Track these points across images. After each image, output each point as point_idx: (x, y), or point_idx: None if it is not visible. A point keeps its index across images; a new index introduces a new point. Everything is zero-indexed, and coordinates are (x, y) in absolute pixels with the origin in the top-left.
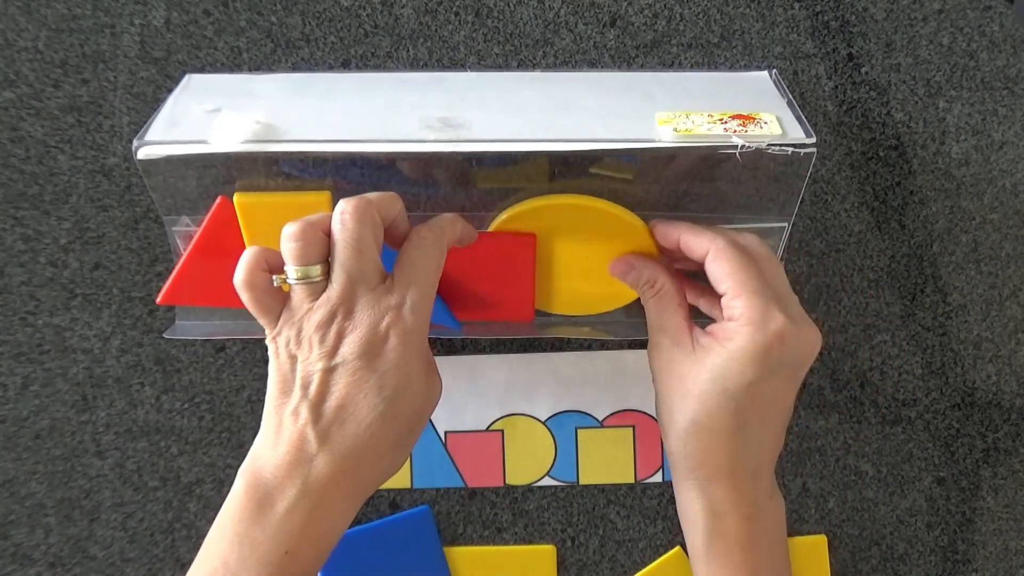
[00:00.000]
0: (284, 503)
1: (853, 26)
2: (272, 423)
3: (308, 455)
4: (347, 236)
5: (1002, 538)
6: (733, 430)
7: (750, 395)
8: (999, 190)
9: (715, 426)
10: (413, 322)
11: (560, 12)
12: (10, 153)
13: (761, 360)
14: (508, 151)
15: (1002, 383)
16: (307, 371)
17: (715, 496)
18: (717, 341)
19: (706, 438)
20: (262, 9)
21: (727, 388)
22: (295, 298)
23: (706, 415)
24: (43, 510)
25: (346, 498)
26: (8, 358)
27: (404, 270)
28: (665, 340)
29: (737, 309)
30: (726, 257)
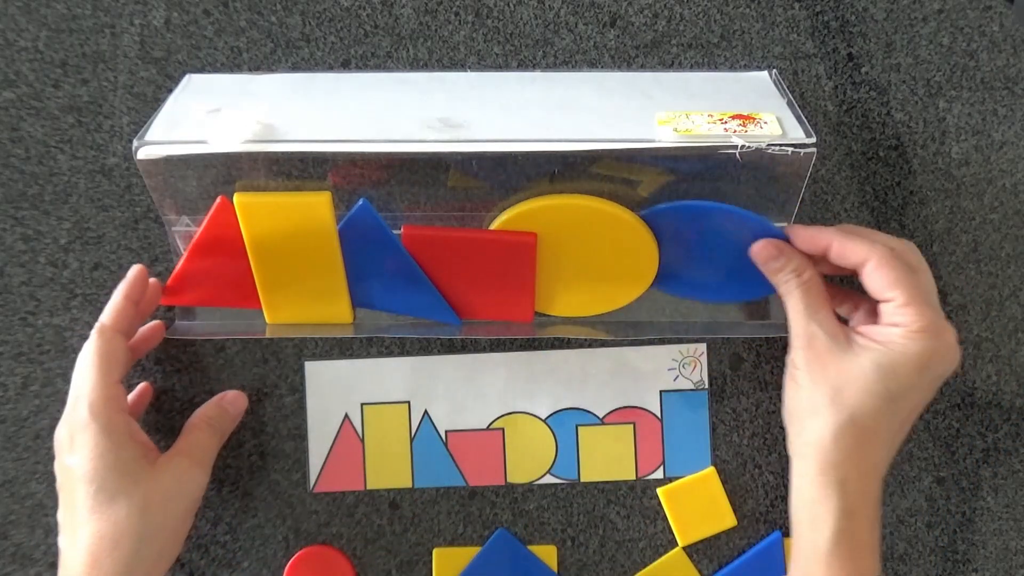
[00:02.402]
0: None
1: (853, 26)
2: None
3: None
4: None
5: (1002, 538)
6: (884, 431)
7: (907, 399)
8: (999, 190)
9: (870, 425)
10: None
11: (560, 12)
12: (10, 153)
13: (927, 367)
14: (508, 151)
15: (1002, 383)
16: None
17: (851, 495)
18: (880, 343)
19: (858, 436)
20: (262, 9)
21: (891, 389)
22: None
23: (863, 413)
24: (43, 510)
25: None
26: (8, 358)
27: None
28: (819, 332)
29: (907, 317)
30: (891, 266)
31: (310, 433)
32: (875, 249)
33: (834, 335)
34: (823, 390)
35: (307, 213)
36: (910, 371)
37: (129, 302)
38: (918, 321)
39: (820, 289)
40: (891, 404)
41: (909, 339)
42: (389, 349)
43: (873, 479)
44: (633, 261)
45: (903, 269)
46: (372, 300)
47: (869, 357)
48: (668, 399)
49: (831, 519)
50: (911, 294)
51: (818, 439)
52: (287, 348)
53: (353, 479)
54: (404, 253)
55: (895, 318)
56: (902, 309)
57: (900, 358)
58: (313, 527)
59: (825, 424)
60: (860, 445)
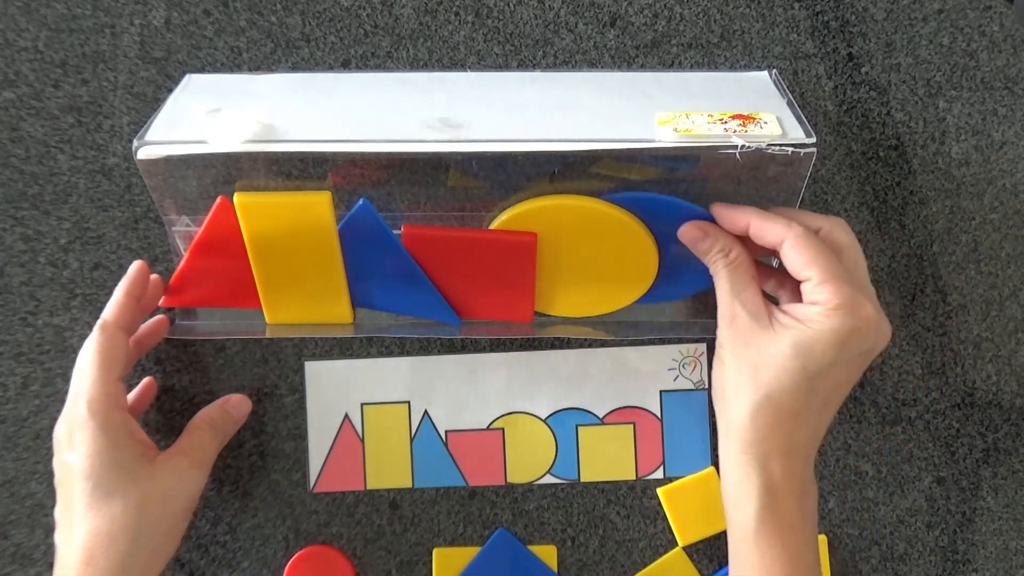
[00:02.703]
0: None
1: (853, 26)
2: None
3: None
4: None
5: (1002, 538)
6: (804, 409)
7: (826, 377)
8: (999, 190)
9: (787, 404)
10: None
11: (560, 12)
12: (10, 153)
13: (845, 344)
14: (508, 151)
15: (1002, 383)
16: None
17: (773, 474)
18: (800, 321)
19: (776, 414)
20: (262, 9)
21: (807, 367)
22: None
23: (780, 391)
24: (43, 510)
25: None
26: (8, 358)
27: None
28: (742, 311)
29: (823, 295)
30: (806, 245)
31: (310, 433)
32: (791, 228)
33: (756, 314)
34: (744, 369)
35: (307, 213)
36: (826, 348)
37: (131, 298)
38: (834, 298)
39: (746, 268)
40: (809, 382)
41: (825, 316)
42: (389, 349)
43: (797, 457)
44: (633, 261)
45: (819, 248)
46: (372, 300)
47: (787, 336)
48: (668, 399)
49: (754, 498)
50: (827, 272)
51: (739, 418)
52: (287, 348)
53: (353, 479)
54: (404, 253)
55: (813, 296)
56: (819, 287)
57: (816, 335)
58: (313, 527)
59: (745, 403)
60: (779, 423)
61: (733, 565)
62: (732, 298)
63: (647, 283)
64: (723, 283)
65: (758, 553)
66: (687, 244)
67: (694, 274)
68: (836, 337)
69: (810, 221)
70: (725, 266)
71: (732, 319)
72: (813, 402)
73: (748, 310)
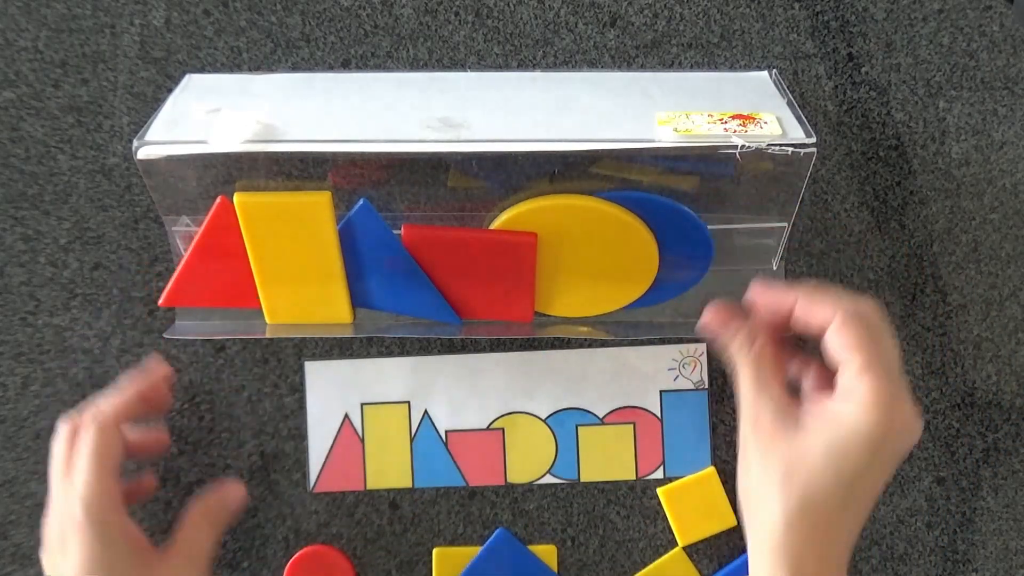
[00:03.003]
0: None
1: (853, 26)
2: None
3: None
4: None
5: (1002, 538)
6: (841, 514)
7: (864, 481)
8: (999, 190)
9: (824, 511)
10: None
11: (560, 12)
12: (10, 153)
13: (881, 447)
14: (508, 151)
15: (1002, 383)
16: None
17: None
18: (833, 419)
19: (812, 522)
20: (262, 9)
21: (843, 471)
22: None
23: (815, 499)
24: (43, 510)
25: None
26: (8, 358)
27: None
28: (765, 411)
29: (862, 386)
30: (855, 326)
31: (310, 433)
32: (839, 309)
33: (783, 413)
34: (772, 473)
35: (307, 213)
36: (862, 451)
37: (139, 399)
38: (873, 392)
39: (771, 361)
40: (845, 488)
41: (862, 414)
42: (389, 349)
43: (833, 561)
44: (633, 261)
45: (866, 332)
46: (372, 300)
47: (819, 437)
48: (668, 399)
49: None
50: (869, 359)
51: (771, 527)
52: (287, 348)
53: (353, 479)
54: (404, 253)
55: (849, 385)
56: (857, 376)
57: (852, 437)
58: (313, 527)
59: (777, 512)
60: (816, 531)
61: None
62: (756, 395)
63: (647, 283)
64: (746, 378)
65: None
66: (709, 334)
67: (694, 274)
68: (871, 440)
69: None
70: (748, 357)
71: (756, 420)
72: (850, 506)
73: (773, 408)
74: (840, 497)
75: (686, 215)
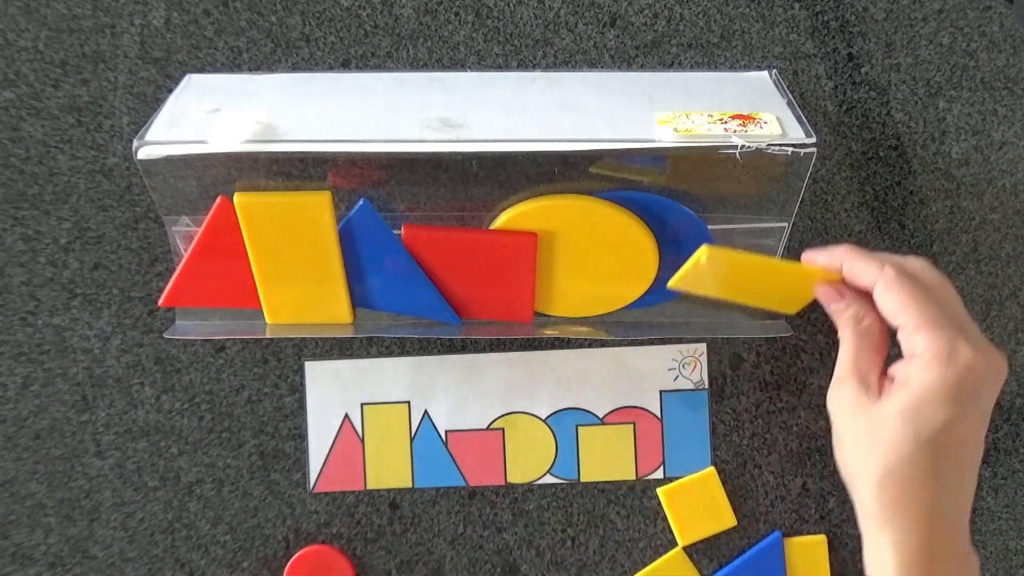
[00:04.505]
0: None
1: (853, 26)
2: None
3: None
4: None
5: (1002, 538)
6: (931, 477)
7: (945, 436)
8: (999, 190)
9: (911, 474)
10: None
11: (560, 12)
12: (10, 153)
13: (953, 398)
14: (508, 151)
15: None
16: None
17: (911, 550)
18: (902, 384)
19: (902, 486)
20: (262, 9)
21: (920, 432)
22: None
23: (899, 463)
24: (43, 510)
25: None
26: (8, 358)
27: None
28: (853, 381)
29: (919, 344)
30: (897, 288)
31: (310, 433)
32: (883, 270)
33: (867, 384)
34: (859, 445)
35: (307, 213)
36: (935, 407)
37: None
38: (930, 348)
39: (874, 339)
40: (925, 447)
41: (924, 372)
42: (389, 349)
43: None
44: (633, 261)
45: (913, 290)
46: (372, 300)
47: (892, 402)
48: (668, 399)
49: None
50: (921, 316)
51: (864, 496)
52: (287, 348)
53: (353, 479)
54: (404, 253)
55: (909, 347)
56: (913, 336)
57: (920, 396)
58: (313, 527)
59: (869, 480)
60: (909, 495)
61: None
62: (849, 364)
63: (647, 283)
64: (846, 348)
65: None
66: (821, 301)
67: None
68: (940, 393)
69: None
70: (853, 332)
71: (841, 388)
72: (940, 466)
73: (860, 379)
74: (926, 457)
75: (686, 215)
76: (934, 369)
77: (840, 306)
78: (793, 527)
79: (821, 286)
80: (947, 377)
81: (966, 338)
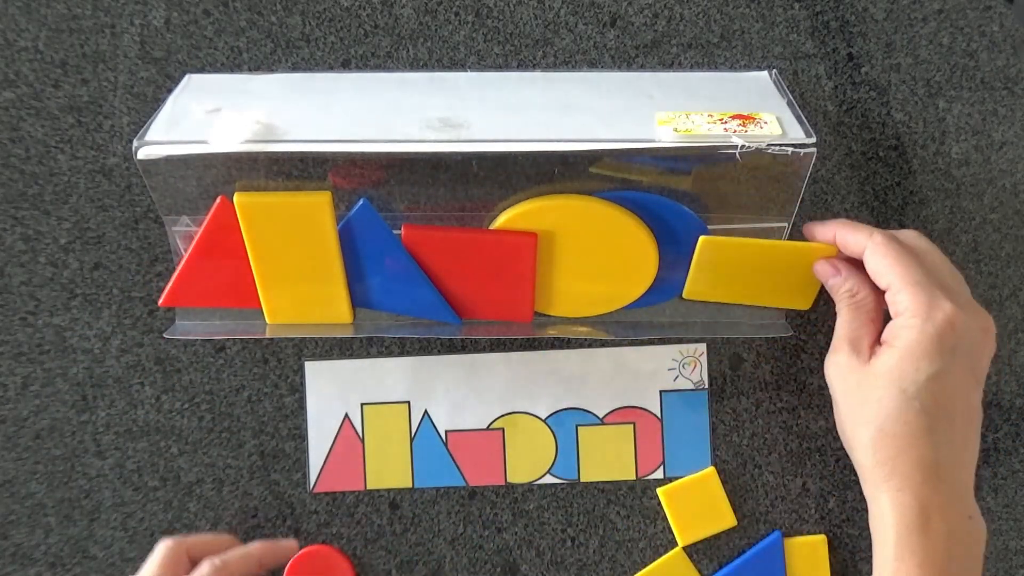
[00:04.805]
0: None
1: (853, 26)
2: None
3: None
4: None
5: (1002, 538)
6: (921, 432)
7: (930, 391)
8: (999, 190)
9: (900, 431)
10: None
11: (560, 12)
12: (10, 153)
13: (934, 351)
14: (508, 151)
15: (1002, 383)
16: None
17: (907, 507)
18: (887, 343)
19: (893, 444)
20: (262, 9)
21: (905, 388)
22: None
23: (888, 421)
24: (43, 510)
25: None
26: (8, 358)
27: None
28: (846, 348)
29: (901, 303)
30: (884, 251)
31: (310, 433)
32: (872, 236)
33: (859, 350)
34: (853, 407)
35: (307, 213)
36: (918, 360)
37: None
38: (911, 305)
39: (868, 311)
40: (912, 402)
41: (906, 328)
42: (389, 349)
43: (936, 487)
44: (633, 261)
45: (899, 253)
46: (372, 300)
47: (880, 363)
48: (668, 399)
49: (891, 535)
50: (905, 278)
51: (860, 457)
52: (287, 348)
53: (353, 479)
54: (404, 253)
55: (894, 307)
56: (896, 296)
57: (905, 350)
58: (313, 527)
59: (860, 441)
60: (901, 452)
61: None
62: (843, 335)
63: (647, 283)
64: (842, 319)
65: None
66: (819, 278)
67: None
68: (922, 348)
69: (890, 232)
70: (848, 305)
71: (835, 352)
72: (929, 422)
73: (852, 347)
74: (914, 412)
75: (686, 215)
76: (915, 325)
77: (837, 280)
78: (793, 527)
79: (819, 263)
80: (926, 331)
81: (948, 296)
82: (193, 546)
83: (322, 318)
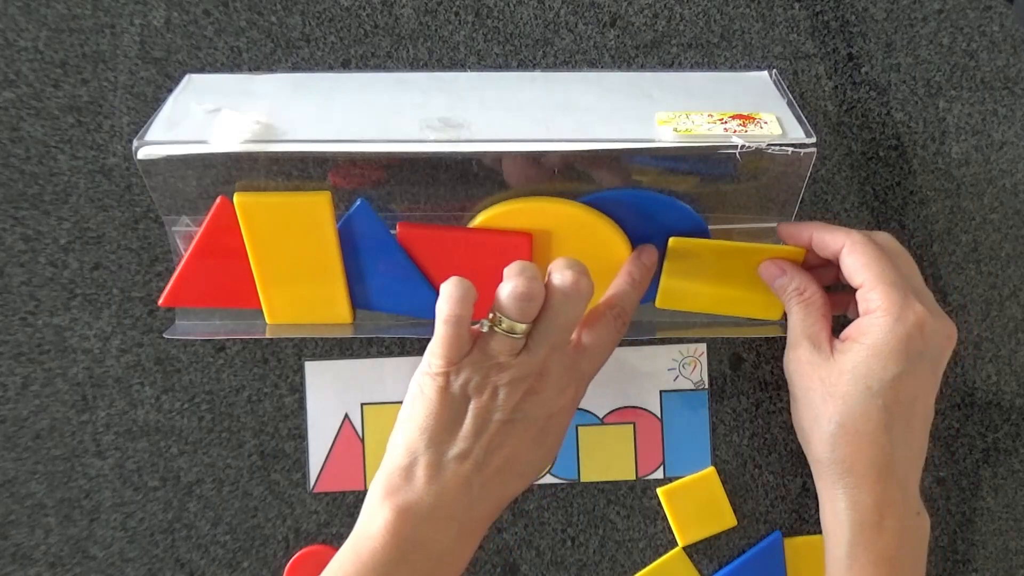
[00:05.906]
0: (437, 546)
1: (853, 26)
2: (428, 459)
3: (469, 501)
4: (567, 319)
5: (1002, 538)
6: (881, 430)
7: (894, 391)
8: (999, 190)
9: (862, 428)
10: (585, 391)
11: (560, 12)
12: (10, 153)
13: (902, 351)
14: (508, 151)
15: (1002, 383)
16: (483, 417)
17: (863, 505)
18: (854, 340)
19: (853, 441)
20: (262, 9)
21: (870, 386)
22: (494, 347)
23: (851, 417)
24: (43, 510)
25: (478, 541)
26: (8, 358)
27: (590, 348)
28: (805, 344)
29: (874, 301)
30: (861, 250)
31: (310, 433)
32: (850, 235)
33: (819, 346)
34: (813, 402)
35: (307, 213)
36: (886, 359)
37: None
38: (883, 303)
39: (819, 307)
40: (876, 400)
41: (876, 325)
42: (389, 349)
43: (890, 485)
44: (609, 263)
45: (875, 253)
46: (371, 300)
47: (846, 359)
48: (668, 399)
49: (845, 531)
50: (879, 277)
51: (818, 452)
52: (287, 348)
53: (353, 479)
54: (402, 253)
55: (864, 304)
56: (869, 293)
57: (874, 348)
58: (313, 527)
59: (822, 436)
60: (859, 450)
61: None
62: (800, 333)
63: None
64: (795, 319)
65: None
66: (764, 279)
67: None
68: (891, 347)
69: (866, 232)
70: (799, 303)
71: (795, 352)
72: (890, 421)
73: (811, 343)
74: (877, 409)
75: (687, 213)
76: (886, 323)
77: (783, 281)
78: (793, 527)
79: (763, 264)
80: (897, 332)
81: (919, 299)
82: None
83: (322, 318)
